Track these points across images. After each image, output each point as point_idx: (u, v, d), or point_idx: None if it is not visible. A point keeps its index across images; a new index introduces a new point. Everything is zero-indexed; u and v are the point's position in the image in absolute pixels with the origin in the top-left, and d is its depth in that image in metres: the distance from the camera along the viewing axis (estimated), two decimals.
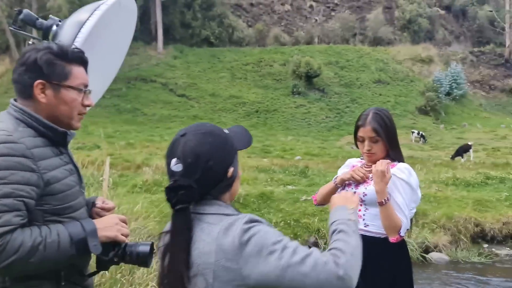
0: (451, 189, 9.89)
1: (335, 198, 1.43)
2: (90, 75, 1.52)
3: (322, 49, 35.58)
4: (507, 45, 37.04)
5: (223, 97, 30.26)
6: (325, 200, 2.36)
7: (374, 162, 2.20)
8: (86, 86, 1.45)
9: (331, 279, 1.08)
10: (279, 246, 1.11)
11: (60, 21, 1.50)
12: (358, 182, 2.28)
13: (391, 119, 2.27)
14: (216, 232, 1.13)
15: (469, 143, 19.40)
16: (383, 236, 2.16)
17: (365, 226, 2.22)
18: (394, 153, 2.26)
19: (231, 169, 1.27)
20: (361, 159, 2.47)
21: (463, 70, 33.02)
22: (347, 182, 2.31)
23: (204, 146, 1.21)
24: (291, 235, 7.48)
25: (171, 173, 1.21)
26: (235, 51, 35.08)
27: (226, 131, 1.32)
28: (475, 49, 38.23)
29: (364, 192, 2.22)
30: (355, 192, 2.17)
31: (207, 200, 1.23)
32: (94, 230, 1.37)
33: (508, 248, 8.16)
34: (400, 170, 2.17)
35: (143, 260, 1.43)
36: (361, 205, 2.20)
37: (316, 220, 7.68)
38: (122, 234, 1.43)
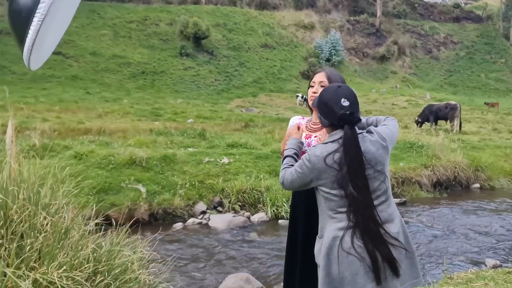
0: None
1: None
2: (48, 34, 1.35)
3: (209, 10, 35.03)
4: (378, 16, 40.39)
5: (105, 57, 28.30)
6: None
7: None
8: None
9: (395, 124, 2.25)
10: (389, 126, 2.19)
11: None
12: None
13: (343, 80, 2.40)
14: (373, 139, 2.04)
15: None
16: None
17: None
18: None
19: None
20: (302, 117, 2.59)
21: (341, 37, 35.33)
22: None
23: (354, 92, 2.07)
24: (197, 196, 7.55)
25: (341, 107, 1.99)
26: (117, 7, 32.79)
27: None
28: (351, 18, 41.06)
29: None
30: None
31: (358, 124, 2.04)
32: None
33: None
34: None
35: None
36: None
37: (220, 180, 7.83)
38: None
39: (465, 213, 8.19)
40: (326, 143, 2.02)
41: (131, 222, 3.44)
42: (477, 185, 10.12)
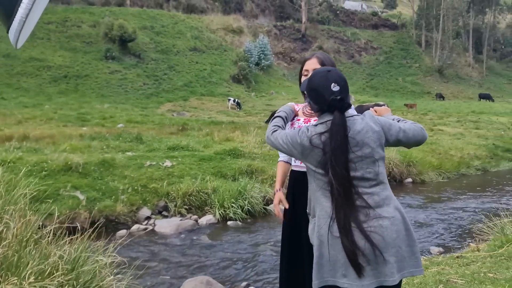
0: None
1: (381, 111, 2.35)
2: (39, 6, 1.18)
3: (135, 12, 33.95)
4: (303, 22, 41.67)
5: (21, 59, 26.32)
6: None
7: None
8: None
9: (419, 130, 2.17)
10: (395, 123, 2.14)
11: None
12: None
13: (334, 64, 2.37)
14: (364, 121, 2.01)
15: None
16: None
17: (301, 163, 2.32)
18: None
19: None
20: (297, 103, 2.52)
21: (269, 42, 35.93)
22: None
23: (344, 76, 2.05)
24: (140, 201, 7.18)
25: (331, 92, 1.96)
26: None
27: None
28: (278, 23, 41.96)
29: None
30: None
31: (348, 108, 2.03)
32: None
33: None
34: None
35: None
36: None
37: (164, 184, 7.51)
38: None
39: (402, 206, 8.58)
40: (316, 125, 2.01)
41: (93, 228, 3.13)
42: (410, 179, 10.69)
